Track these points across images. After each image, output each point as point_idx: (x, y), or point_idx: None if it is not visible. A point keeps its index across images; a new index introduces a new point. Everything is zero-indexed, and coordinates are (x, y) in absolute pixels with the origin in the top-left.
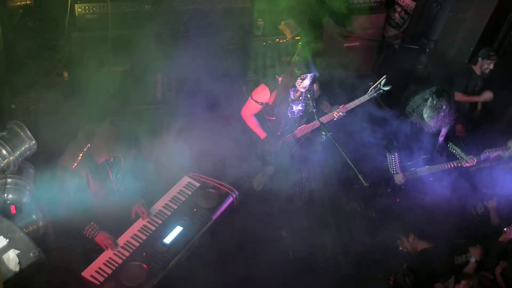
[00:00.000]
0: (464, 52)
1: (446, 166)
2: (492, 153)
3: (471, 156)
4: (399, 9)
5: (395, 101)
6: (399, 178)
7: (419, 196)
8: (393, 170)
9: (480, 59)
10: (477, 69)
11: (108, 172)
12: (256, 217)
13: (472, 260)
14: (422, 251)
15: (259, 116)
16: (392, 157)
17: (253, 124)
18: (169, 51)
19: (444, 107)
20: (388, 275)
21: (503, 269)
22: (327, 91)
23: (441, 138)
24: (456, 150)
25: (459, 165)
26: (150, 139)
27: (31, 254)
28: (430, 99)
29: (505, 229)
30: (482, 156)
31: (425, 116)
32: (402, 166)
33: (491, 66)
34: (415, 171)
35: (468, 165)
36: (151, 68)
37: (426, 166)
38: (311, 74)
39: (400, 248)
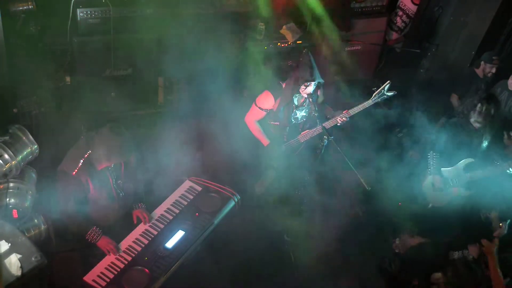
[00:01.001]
0: (465, 55)
1: (489, 174)
2: None
3: None
4: (400, 13)
5: (395, 104)
6: (437, 181)
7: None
8: (430, 168)
9: (482, 62)
10: (479, 72)
11: (109, 179)
12: (258, 221)
13: (470, 257)
14: (419, 244)
15: (262, 120)
16: (434, 155)
17: (256, 131)
18: (171, 55)
19: (493, 111)
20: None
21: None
22: (329, 95)
23: (483, 145)
24: (495, 157)
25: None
26: (151, 143)
27: (33, 259)
28: (479, 105)
29: (500, 224)
30: None
31: (471, 120)
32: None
33: (494, 70)
34: (459, 183)
35: None
36: (153, 72)
37: (468, 174)
38: (315, 81)
39: (397, 251)
